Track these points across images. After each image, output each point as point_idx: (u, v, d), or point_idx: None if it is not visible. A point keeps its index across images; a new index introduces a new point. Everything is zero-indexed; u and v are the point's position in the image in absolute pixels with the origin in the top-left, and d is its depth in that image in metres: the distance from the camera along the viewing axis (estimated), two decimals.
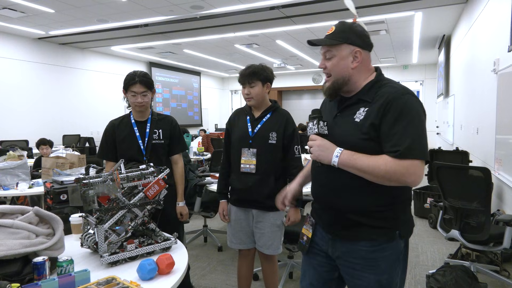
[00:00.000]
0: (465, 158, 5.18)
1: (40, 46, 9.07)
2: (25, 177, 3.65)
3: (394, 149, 1.26)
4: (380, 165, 1.27)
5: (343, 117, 1.42)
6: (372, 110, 1.33)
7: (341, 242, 1.46)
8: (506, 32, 3.75)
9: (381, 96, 1.34)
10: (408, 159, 1.25)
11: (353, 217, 1.40)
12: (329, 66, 1.42)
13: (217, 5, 6.54)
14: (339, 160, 1.33)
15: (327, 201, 1.47)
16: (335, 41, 1.39)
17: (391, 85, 1.39)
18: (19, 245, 1.35)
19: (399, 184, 1.30)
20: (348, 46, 1.39)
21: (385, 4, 6.57)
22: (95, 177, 1.61)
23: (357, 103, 1.40)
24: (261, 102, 2.32)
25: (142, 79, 2.32)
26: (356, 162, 1.31)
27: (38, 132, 7.86)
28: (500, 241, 2.79)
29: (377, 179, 1.30)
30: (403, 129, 1.27)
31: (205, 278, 3.32)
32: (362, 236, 1.40)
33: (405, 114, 1.29)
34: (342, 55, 1.40)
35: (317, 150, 1.38)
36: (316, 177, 1.54)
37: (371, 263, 1.39)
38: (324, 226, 1.53)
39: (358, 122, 1.35)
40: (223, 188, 2.45)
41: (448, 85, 9.43)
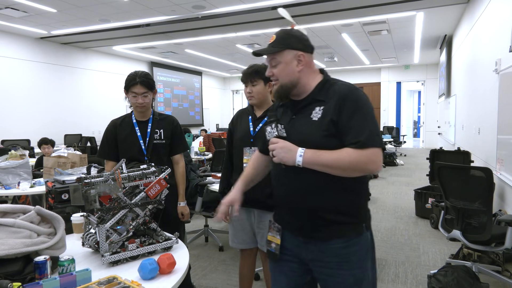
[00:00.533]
0: (467, 158, 5.17)
1: (42, 46, 9.09)
2: (27, 176, 3.66)
3: (355, 140, 1.32)
4: (344, 157, 1.32)
5: (299, 119, 1.45)
6: (329, 107, 1.38)
7: (313, 244, 1.46)
8: (507, 32, 3.74)
9: (334, 94, 1.40)
10: (369, 148, 1.32)
11: (323, 215, 1.42)
12: (276, 73, 1.46)
13: (218, 5, 6.54)
14: (303, 159, 1.35)
15: (296, 203, 1.46)
16: (277, 48, 1.44)
17: (341, 83, 1.45)
18: (20, 244, 1.35)
19: (363, 173, 1.37)
20: (291, 51, 1.44)
21: (386, 4, 6.56)
22: (97, 176, 1.62)
23: (311, 103, 1.44)
24: (262, 101, 2.32)
25: (143, 79, 2.31)
26: (321, 158, 1.34)
27: (40, 132, 7.88)
28: (502, 242, 2.79)
29: (342, 171, 1.34)
30: (360, 122, 1.35)
31: (206, 278, 3.32)
32: (335, 234, 1.42)
33: (359, 108, 1.36)
34: (286, 60, 1.44)
35: (280, 152, 1.38)
36: (281, 181, 1.50)
37: (345, 259, 1.42)
38: (294, 230, 1.51)
39: (317, 121, 1.39)
40: (225, 188, 2.45)
41: (449, 85, 9.41)
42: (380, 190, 7.09)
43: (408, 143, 15.99)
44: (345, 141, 1.34)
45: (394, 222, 4.98)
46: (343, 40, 9.64)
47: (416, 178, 8.18)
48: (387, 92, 15.21)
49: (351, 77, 15.36)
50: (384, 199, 6.33)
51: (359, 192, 1.45)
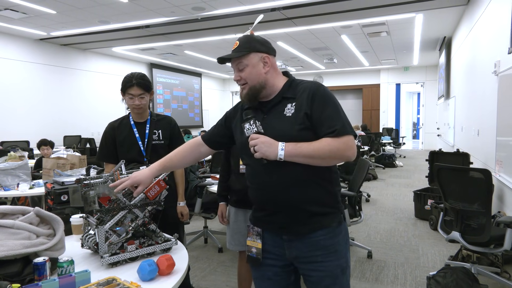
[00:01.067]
0: (466, 159, 5.17)
1: (42, 47, 9.09)
2: (26, 177, 3.66)
3: (331, 130, 1.39)
4: (324, 146, 1.38)
5: (272, 117, 1.48)
6: (301, 102, 1.45)
7: (298, 240, 1.48)
8: (506, 34, 3.75)
9: (304, 90, 1.47)
10: (345, 135, 1.39)
11: (307, 208, 1.45)
12: (243, 76, 1.50)
13: (218, 6, 6.55)
14: (285, 152, 1.38)
15: (279, 199, 1.46)
16: (243, 52, 1.49)
17: (306, 81, 1.54)
18: (19, 246, 1.35)
19: (341, 161, 1.44)
20: (256, 54, 1.49)
21: (386, 6, 6.58)
22: (96, 177, 1.62)
23: (281, 101, 1.50)
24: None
25: (139, 81, 2.30)
26: (302, 150, 1.38)
27: (39, 133, 7.88)
28: (501, 243, 2.79)
29: (322, 160, 1.40)
30: (332, 113, 1.42)
31: (205, 279, 3.32)
32: (318, 226, 1.46)
33: (328, 100, 1.44)
34: (252, 63, 1.49)
35: (263, 147, 1.39)
36: (261, 178, 1.49)
37: (331, 249, 1.47)
38: (276, 228, 1.52)
39: (291, 116, 1.45)
40: (223, 190, 2.46)
41: (449, 87, 9.43)
42: (379, 191, 7.09)
43: (407, 144, 16.00)
44: (321, 131, 1.40)
45: (393, 223, 4.99)
46: (343, 42, 9.66)
47: (415, 180, 8.19)
48: (386, 94, 15.23)
49: (351, 78, 15.38)
50: (384, 200, 6.33)
51: (334, 182, 1.51)
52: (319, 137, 1.40)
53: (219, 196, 2.47)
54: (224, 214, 2.44)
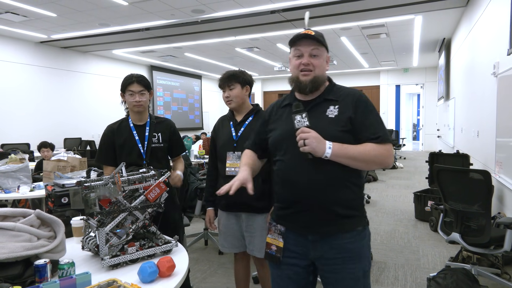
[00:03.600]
0: (466, 161, 5.18)
1: (42, 50, 9.12)
2: (27, 180, 3.66)
3: (375, 136, 1.44)
4: (370, 150, 1.42)
5: (312, 116, 1.47)
6: (344, 106, 1.49)
7: (323, 241, 1.49)
8: (505, 35, 3.76)
9: (347, 95, 1.51)
10: (387, 143, 1.45)
11: (337, 210, 1.46)
12: (315, 63, 1.51)
13: (218, 9, 6.57)
14: (332, 151, 1.40)
15: (310, 199, 1.46)
16: (321, 41, 1.52)
17: (347, 87, 1.58)
18: (20, 248, 1.35)
19: (382, 167, 1.47)
20: (325, 51, 1.56)
21: (385, 7, 6.59)
22: (97, 180, 1.62)
23: (323, 103, 1.53)
24: (241, 105, 2.34)
25: (139, 78, 2.35)
26: (348, 151, 1.41)
27: (40, 135, 7.89)
28: (501, 244, 2.79)
29: (365, 164, 1.45)
30: (375, 120, 1.48)
31: (205, 281, 3.32)
32: (345, 228, 1.48)
33: (370, 108, 1.50)
34: (323, 56, 1.55)
35: (314, 142, 1.38)
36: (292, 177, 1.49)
37: (355, 253, 1.48)
38: (301, 228, 1.51)
39: (334, 118, 1.48)
40: (210, 195, 2.44)
41: (448, 88, 9.44)
42: (379, 193, 7.09)
43: (407, 146, 16.01)
44: (363, 136, 1.44)
45: (393, 225, 4.99)
46: (342, 44, 9.67)
47: (416, 181, 8.19)
48: (386, 95, 15.24)
49: (350, 80, 15.39)
50: (384, 202, 6.33)
51: (360, 187, 1.54)
52: (359, 141, 1.44)
53: (207, 201, 2.46)
54: (212, 220, 2.44)
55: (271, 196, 2.24)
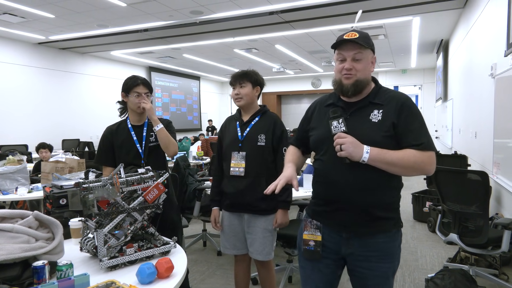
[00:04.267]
0: (464, 162, 5.20)
1: (40, 51, 9.10)
2: (25, 181, 3.65)
3: (417, 142, 1.42)
4: (409, 157, 1.41)
5: (355, 119, 1.50)
6: (389, 111, 1.47)
7: (357, 239, 1.52)
8: (503, 36, 3.78)
9: (392, 99, 1.50)
10: (429, 150, 1.43)
11: (373, 211, 1.48)
12: (358, 67, 1.49)
13: (216, 10, 6.58)
14: (369, 155, 1.41)
15: (348, 200, 1.49)
16: (366, 44, 1.48)
17: (393, 90, 1.58)
18: (19, 249, 1.35)
19: (421, 174, 1.46)
20: (371, 52, 1.53)
21: (383, 9, 6.61)
22: (95, 181, 1.62)
23: (367, 106, 1.52)
24: (250, 105, 2.34)
25: (144, 81, 2.39)
26: (386, 157, 1.41)
27: (38, 137, 7.87)
28: (498, 245, 2.80)
29: (403, 170, 1.44)
30: (420, 127, 1.46)
31: (204, 283, 3.32)
32: (380, 230, 1.51)
33: (415, 114, 1.48)
34: (368, 59, 1.52)
35: (350, 147, 1.41)
36: (334, 177, 1.51)
37: (387, 253, 1.52)
38: (337, 226, 1.54)
39: (377, 122, 1.47)
40: (215, 195, 2.44)
41: (446, 89, 9.46)
42: None
43: None
44: (405, 142, 1.44)
45: None
46: None
47: (414, 182, 8.20)
48: None
49: None
50: None
51: (398, 191, 1.56)
52: (401, 147, 1.44)
53: (212, 201, 2.46)
54: (217, 219, 2.43)
55: (274, 197, 2.25)
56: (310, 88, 16.17)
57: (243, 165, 2.26)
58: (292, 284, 3.26)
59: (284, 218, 2.29)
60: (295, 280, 3.30)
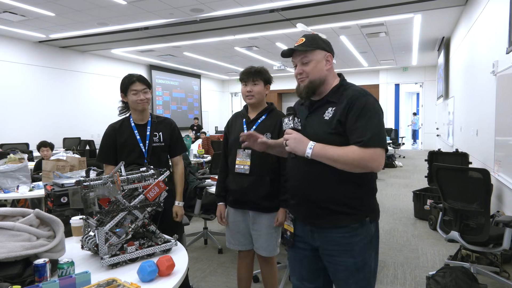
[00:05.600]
0: (465, 159, 5.18)
1: (41, 50, 9.10)
2: (26, 180, 3.66)
3: (359, 139, 1.46)
4: (348, 153, 1.45)
5: (313, 117, 1.60)
6: (338, 109, 1.54)
7: (319, 232, 1.60)
8: (504, 34, 3.76)
9: (346, 97, 1.55)
10: (371, 147, 1.45)
11: (328, 206, 1.55)
12: (307, 70, 1.58)
13: (217, 8, 6.57)
14: (312, 151, 1.48)
15: (304, 193, 1.59)
16: (310, 47, 1.58)
17: (354, 88, 1.60)
18: (20, 248, 1.35)
19: (365, 170, 1.48)
20: (321, 52, 1.60)
21: (384, 6, 6.59)
22: (96, 179, 1.62)
23: (325, 104, 1.59)
24: (260, 102, 2.35)
25: (140, 77, 2.37)
26: (328, 152, 1.47)
27: (39, 135, 7.87)
28: (499, 242, 2.80)
29: (346, 166, 1.47)
30: (365, 124, 1.48)
31: (205, 280, 3.32)
32: (337, 224, 1.56)
33: (365, 112, 1.50)
34: (317, 59, 1.59)
35: (293, 142, 1.50)
36: (293, 171, 1.64)
37: (347, 247, 1.56)
38: (302, 218, 1.65)
39: (327, 120, 1.55)
40: (221, 191, 2.45)
41: (447, 87, 9.45)
42: (379, 191, 7.03)
43: (406, 145, 16.01)
44: (351, 140, 1.49)
45: (393, 223, 4.99)
46: (342, 43, 9.67)
47: (415, 180, 8.20)
48: (385, 94, 15.25)
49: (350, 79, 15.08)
50: (383, 200, 6.34)
51: (360, 186, 1.56)
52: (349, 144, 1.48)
53: (218, 196, 2.46)
54: (223, 215, 2.43)
55: (278, 196, 2.25)
56: None
57: (248, 163, 2.27)
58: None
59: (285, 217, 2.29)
60: None
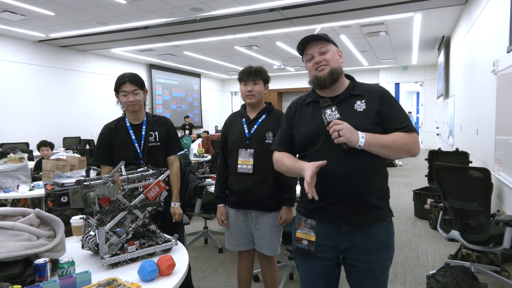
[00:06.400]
0: (465, 158, 5.19)
1: (41, 49, 9.09)
2: (26, 179, 3.66)
3: (402, 125, 1.52)
4: (399, 139, 1.49)
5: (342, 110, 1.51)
6: (371, 100, 1.56)
7: (355, 232, 1.53)
8: (505, 33, 3.76)
9: (371, 90, 1.60)
10: (414, 132, 1.53)
11: (369, 200, 1.52)
12: (327, 58, 1.57)
13: (216, 7, 6.56)
14: (365, 140, 1.45)
15: (345, 190, 1.49)
16: (326, 38, 1.59)
17: (368, 84, 1.67)
18: (20, 247, 1.35)
19: (410, 155, 1.54)
20: (334, 46, 1.62)
21: (384, 5, 6.59)
22: (96, 179, 1.62)
23: (348, 98, 1.59)
24: (260, 102, 2.34)
25: (131, 78, 2.32)
26: (380, 140, 1.47)
27: (39, 135, 7.87)
28: (500, 242, 2.80)
29: (395, 152, 1.50)
30: (400, 111, 1.57)
31: (205, 280, 3.32)
32: (377, 219, 1.54)
33: (394, 101, 1.59)
34: (333, 50, 1.60)
35: (348, 132, 1.43)
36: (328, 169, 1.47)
37: (384, 243, 1.55)
38: (335, 220, 1.54)
39: (362, 111, 1.54)
40: (221, 192, 2.44)
41: (448, 86, 9.44)
42: None
43: None
44: (391, 127, 1.52)
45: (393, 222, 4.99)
46: (341, 42, 9.67)
47: (415, 179, 8.20)
48: None
49: None
50: None
51: (387, 178, 1.61)
52: (387, 132, 1.51)
53: (218, 198, 2.45)
54: (224, 217, 2.43)
55: (281, 194, 2.25)
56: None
57: (251, 162, 2.26)
58: (293, 281, 3.26)
59: (289, 215, 2.30)
60: (296, 277, 3.30)
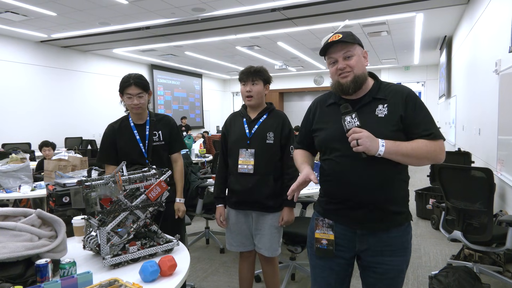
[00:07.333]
0: (467, 159, 5.17)
1: (43, 49, 9.11)
2: (28, 179, 3.66)
3: (426, 132, 1.45)
4: (422, 147, 1.43)
5: (362, 115, 1.47)
6: (394, 104, 1.49)
7: (372, 235, 1.52)
8: (507, 32, 3.74)
9: (395, 93, 1.51)
10: (439, 139, 1.46)
11: (389, 207, 1.50)
12: (352, 64, 1.50)
13: (218, 7, 6.56)
14: (385, 148, 1.41)
15: (363, 196, 1.48)
16: (351, 41, 1.51)
17: (394, 84, 1.57)
18: (22, 248, 1.35)
19: (434, 162, 1.50)
20: (359, 47, 1.54)
21: (386, 5, 6.57)
22: (98, 179, 1.62)
23: (371, 102, 1.52)
24: (259, 103, 2.33)
25: (137, 81, 2.31)
26: (401, 148, 1.42)
27: (41, 135, 7.89)
28: (503, 242, 2.79)
29: (417, 160, 1.45)
30: (426, 117, 1.48)
31: (207, 280, 3.32)
32: (394, 224, 1.52)
33: (421, 105, 1.50)
34: (358, 53, 1.53)
35: (367, 141, 1.40)
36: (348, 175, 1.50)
37: (401, 247, 1.53)
38: (351, 223, 1.54)
39: (384, 117, 1.48)
40: (220, 192, 2.43)
41: (450, 86, 9.42)
42: None
43: None
44: (415, 133, 1.46)
45: None
46: None
47: (417, 179, 8.18)
48: None
49: None
50: None
51: (407, 183, 1.58)
52: (410, 139, 1.45)
53: (217, 198, 2.44)
54: (223, 217, 2.42)
55: (282, 195, 2.24)
56: (313, 85, 16.13)
57: (252, 163, 2.25)
58: (295, 282, 3.26)
59: (290, 216, 2.29)
60: (298, 278, 3.30)
